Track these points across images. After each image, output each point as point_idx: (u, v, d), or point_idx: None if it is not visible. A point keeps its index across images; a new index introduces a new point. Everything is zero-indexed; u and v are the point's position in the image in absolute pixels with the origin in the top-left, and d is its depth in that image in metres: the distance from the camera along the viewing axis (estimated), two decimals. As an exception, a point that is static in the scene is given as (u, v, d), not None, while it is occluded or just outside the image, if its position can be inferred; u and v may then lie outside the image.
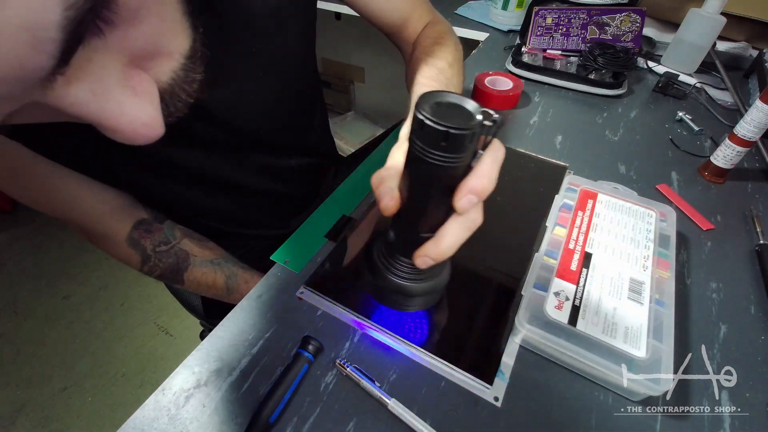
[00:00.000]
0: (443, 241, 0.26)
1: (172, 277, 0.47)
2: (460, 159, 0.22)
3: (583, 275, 0.39)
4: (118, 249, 0.45)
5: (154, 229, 0.46)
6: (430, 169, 0.23)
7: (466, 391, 0.33)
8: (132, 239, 0.44)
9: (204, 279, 0.48)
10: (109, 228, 0.44)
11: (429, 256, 0.27)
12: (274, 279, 0.41)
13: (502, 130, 0.64)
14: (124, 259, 0.46)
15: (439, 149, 0.22)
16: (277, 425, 0.31)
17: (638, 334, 0.34)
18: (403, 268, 0.29)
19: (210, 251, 0.50)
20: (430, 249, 0.27)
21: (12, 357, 1.17)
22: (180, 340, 1.23)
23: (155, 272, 0.46)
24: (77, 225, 0.44)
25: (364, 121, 1.82)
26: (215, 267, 0.49)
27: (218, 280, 0.48)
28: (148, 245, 0.45)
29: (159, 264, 0.46)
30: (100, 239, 0.45)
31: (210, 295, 0.50)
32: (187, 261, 0.47)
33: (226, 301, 0.50)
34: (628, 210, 0.46)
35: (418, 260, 0.27)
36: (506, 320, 0.38)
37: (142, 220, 0.46)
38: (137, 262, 0.45)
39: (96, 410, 1.07)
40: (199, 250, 0.49)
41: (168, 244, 0.46)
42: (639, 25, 0.76)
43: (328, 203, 0.50)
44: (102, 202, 0.43)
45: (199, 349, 0.36)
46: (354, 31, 1.62)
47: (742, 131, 0.52)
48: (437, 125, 0.21)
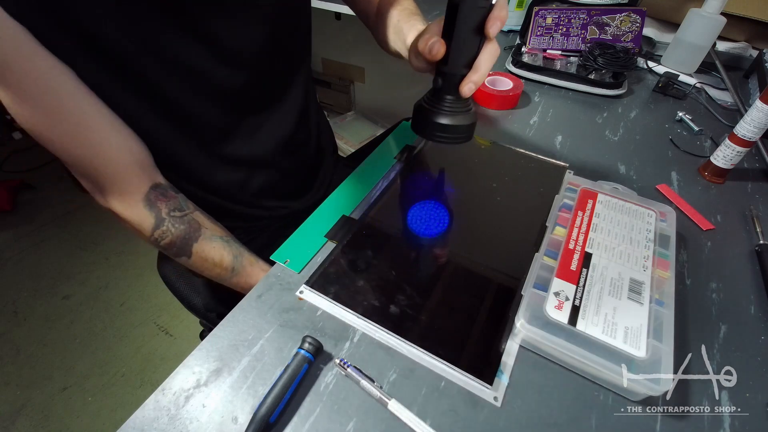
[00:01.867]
0: (480, 67, 0.35)
1: (182, 246, 0.46)
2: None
3: (583, 275, 0.39)
4: (132, 208, 0.44)
5: (170, 195, 0.46)
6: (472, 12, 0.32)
7: (466, 391, 0.33)
8: (148, 200, 0.44)
9: (212, 254, 0.47)
10: (129, 183, 0.43)
11: (473, 82, 0.35)
12: (274, 279, 0.41)
13: (503, 129, 0.64)
14: (136, 220, 0.44)
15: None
16: (277, 425, 0.31)
17: (638, 334, 0.34)
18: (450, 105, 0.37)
19: (220, 229, 0.49)
20: (473, 76, 0.35)
21: (12, 357, 1.17)
22: (180, 340, 1.23)
23: (165, 238, 0.45)
24: (94, 176, 0.42)
25: (364, 121, 1.82)
26: (224, 243, 0.48)
27: (225, 258, 0.47)
28: (163, 208, 0.45)
29: (171, 230, 0.45)
30: (114, 195, 0.43)
31: (213, 275, 0.48)
32: (198, 232, 0.47)
33: (226, 284, 0.49)
34: (628, 210, 0.46)
35: (465, 88, 0.35)
36: (506, 320, 0.38)
37: (159, 184, 0.45)
38: (149, 225, 0.44)
39: (96, 410, 1.07)
40: (210, 224, 0.48)
41: (182, 212, 0.46)
42: (639, 25, 0.76)
43: (328, 203, 0.50)
44: (128, 153, 0.42)
45: (199, 349, 0.36)
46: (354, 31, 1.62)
47: (742, 131, 0.52)
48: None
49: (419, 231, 0.47)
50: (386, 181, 0.53)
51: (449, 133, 0.38)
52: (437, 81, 0.37)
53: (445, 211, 0.50)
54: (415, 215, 0.49)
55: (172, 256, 0.47)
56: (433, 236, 0.47)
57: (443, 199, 0.52)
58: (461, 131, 0.38)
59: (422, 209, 0.50)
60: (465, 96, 0.36)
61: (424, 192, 0.53)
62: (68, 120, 0.38)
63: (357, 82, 1.82)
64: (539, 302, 0.36)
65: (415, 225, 0.48)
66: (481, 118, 0.67)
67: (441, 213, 0.49)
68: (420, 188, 0.54)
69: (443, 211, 0.50)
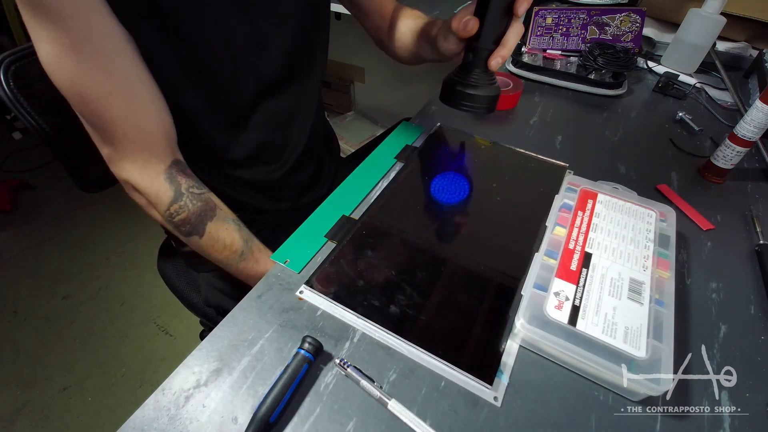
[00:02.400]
0: (507, 43, 0.40)
1: (196, 223, 0.46)
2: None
3: (583, 275, 0.39)
4: (153, 180, 0.44)
5: (188, 173, 0.47)
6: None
7: (466, 391, 0.33)
8: (170, 173, 0.45)
9: (223, 235, 0.47)
10: (154, 154, 0.44)
11: (500, 56, 0.41)
12: (274, 279, 0.41)
13: (503, 129, 0.64)
14: (154, 192, 0.44)
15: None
16: (277, 425, 0.31)
17: (638, 334, 0.34)
18: (477, 78, 0.43)
19: (231, 212, 0.50)
20: (501, 51, 0.41)
21: (12, 357, 1.17)
22: (180, 340, 1.23)
23: (181, 214, 0.45)
24: (122, 142, 0.42)
25: (364, 121, 1.81)
26: (237, 226, 0.49)
27: (237, 241, 0.48)
28: (183, 183, 0.45)
29: (188, 205, 0.45)
30: (138, 163, 0.43)
31: (221, 258, 0.48)
32: (213, 211, 0.47)
33: (231, 269, 0.49)
34: (628, 210, 0.46)
35: (493, 62, 0.41)
36: (506, 320, 0.38)
37: (180, 161, 0.46)
38: (167, 198, 0.44)
39: (96, 410, 1.07)
40: (224, 206, 0.49)
41: (200, 189, 0.47)
42: (639, 25, 0.76)
43: (328, 203, 0.50)
44: (160, 124, 0.43)
45: (199, 349, 0.36)
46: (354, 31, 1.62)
47: (742, 131, 0.52)
48: None
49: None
50: (386, 181, 0.53)
51: (476, 103, 0.43)
52: (468, 56, 0.42)
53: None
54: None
55: (185, 234, 0.47)
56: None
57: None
58: (487, 101, 0.43)
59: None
60: (493, 69, 0.41)
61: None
62: (113, 81, 0.38)
63: (357, 82, 1.82)
64: (539, 302, 0.36)
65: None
66: (482, 117, 0.67)
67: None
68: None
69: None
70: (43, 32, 0.34)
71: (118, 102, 0.39)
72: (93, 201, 1.60)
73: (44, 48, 0.36)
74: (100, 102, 0.39)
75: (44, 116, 0.52)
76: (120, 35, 0.37)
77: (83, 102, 0.39)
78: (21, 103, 0.50)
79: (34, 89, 0.51)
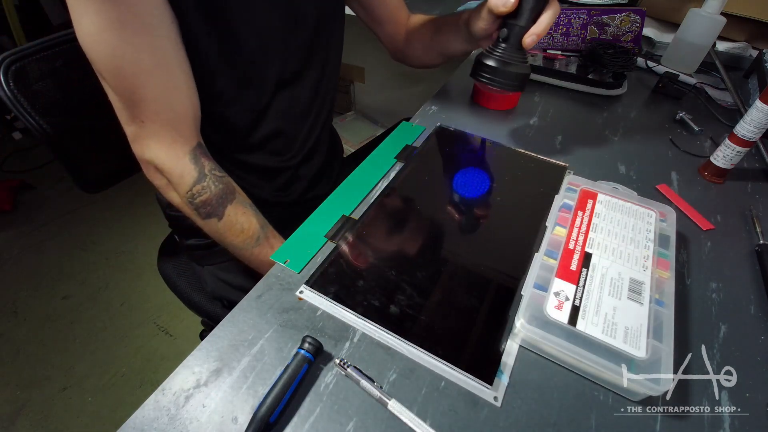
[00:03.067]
0: (543, 22, 0.42)
1: (216, 206, 0.46)
2: None
3: (583, 275, 0.39)
4: (178, 159, 0.45)
5: (209, 157, 0.48)
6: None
7: (466, 391, 0.33)
8: (195, 154, 0.46)
9: (242, 219, 0.48)
10: (181, 134, 0.44)
11: (535, 34, 0.42)
12: (274, 279, 0.41)
13: (503, 129, 0.64)
14: (178, 172, 0.45)
15: None
16: (277, 425, 0.31)
17: (638, 334, 0.34)
18: (511, 54, 0.44)
19: (247, 197, 0.51)
20: (536, 29, 0.42)
21: (12, 357, 1.17)
22: (180, 340, 1.23)
23: (203, 195, 0.46)
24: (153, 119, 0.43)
25: (364, 121, 1.82)
26: (254, 211, 0.50)
27: (254, 225, 0.48)
28: (206, 165, 0.46)
29: (211, 186, 0.46)
30: (165, 142, 0.44)
31: (237, 242, 0.48)
32: (233, 194, 0.48)
33: (245, 255, 0.50)
34: (628, 210, 0.46)
35: (528, 39, 0.43)
36: (506, 320, 0.38)
37: (202, 144, 0.47)
38: (191, 179, 0.45)
39: (96, 410, 1.07)
40: (242, 191, 0.50)
41: (221, 172, 0.48)
42: (639, 25, 0.76)
43: (328, 203, 0.50)
44: (191, 106, 0.44)
45: (199, 349, 0.36)
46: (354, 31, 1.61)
47: (742, 131, 0.52)
48: None
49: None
50: (386, 181, 0.53)
51: (509, 80, 0.44)
52: (503, 32, 0.44)
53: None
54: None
55: (203, 216, 0.47)
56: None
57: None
58: (519, 78, 0.44)
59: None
60: (527, 47, 0.43)
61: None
62: (153, 59, 0.39)
63: (357, 82, 1.82)
64: (539, 302, 0.36)
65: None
66: (482, 117, 0.67)
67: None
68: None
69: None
70: (90, 5, 0.35)
71: (155, 80, 0.40)
72: (93, 201, 1.60)
73: (88, 21, 0.36)
74: (138, 78, 0.40)
75: (44, 116, 0.52)
76: (166, 15, 0.38)
77: (120, 77, 0.39)
78: (21, 103, 0.50)
79: (34, 89, 0.51)
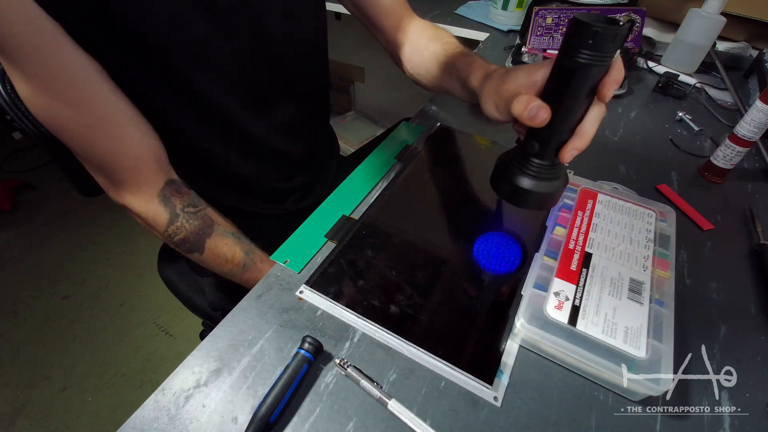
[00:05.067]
0: (585, 134, 0.31)
1: (195, 242, 0.46)
2: (614, 55, 0.28)
3: (583, 275, 0.39)
4: (147, 204, 0.44)
5: (183, 192, 0.46)
6: (588, 71, 0.28)
7: (466, 391, 0.33)
8: (164, 195, 0.44)
9: (224, 250, 0.47)
10: (145, 178, 0.43)
11: (576, 149, 0.32)
12: (274, 279, 0.41)
13: (503, 129, 0.64)
14: (152, 215, 0.45)
15: (605, 50, 0.27)
16: (277, 425, 0.31)
17: (638, 334, 0.34)
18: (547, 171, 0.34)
19: (231, 225, 0.50)
20: (577, 142, 0.32)
21: (12, 357, 1.17)
22: (180, 340, 1.23)
23: (180, 233, 0.45)
24: (112, 169, 0.42)
25: (364, 121, 1.82)
26: (236, 240, 0.49)
27: (237, 254, 0.48)
28: (177, 203, 0.45)
29: (185, 225, 0.45)
30: (130, 190, 0.44)
31: (225, 271, 0.49)
32: (211, 228, 0.47)
33: (236, 280, 0.50)
34: (628, 210, 0.46)
35: (567, 155, 0.32)
36: (506, 320, 0.38)
37: (173, 180, 0.46)
38: (164, 220, 0.45)
39: (96, 410, 1.07)
40: (222, 220, 0.49)
41: (196, 207, 0.47)
42: (639, 25, 0.76)
43: (328, 203, 0.50)
44: (147, 148, 0.43)
45: (199, 349, 0.36)
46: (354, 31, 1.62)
47: (742, 131, 0.52)
48: (608, 30, 0.25)
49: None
50: (386, 181, 0.53)
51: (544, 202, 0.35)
52: (534, 146, 0.33)
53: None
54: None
55: (185, 252, 0.47)
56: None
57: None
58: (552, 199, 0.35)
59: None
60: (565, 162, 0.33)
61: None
62: (91, 113, 0.38)
63: (357, 82, 1.82)
64: (539, 302, 0.36)
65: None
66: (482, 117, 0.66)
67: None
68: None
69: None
70: (14, 73, 0.35)
71: (99, 133, 0.39)
72: (93, 201, 1.59)
73: (21, 88, 0.36)
74: (82, 135, 0.39)
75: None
76: (89, 66, 0.36)
77: (65, 136, 0.39)
78: (19, 107, 0.50)
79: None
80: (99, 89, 0.38)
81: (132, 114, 0.41)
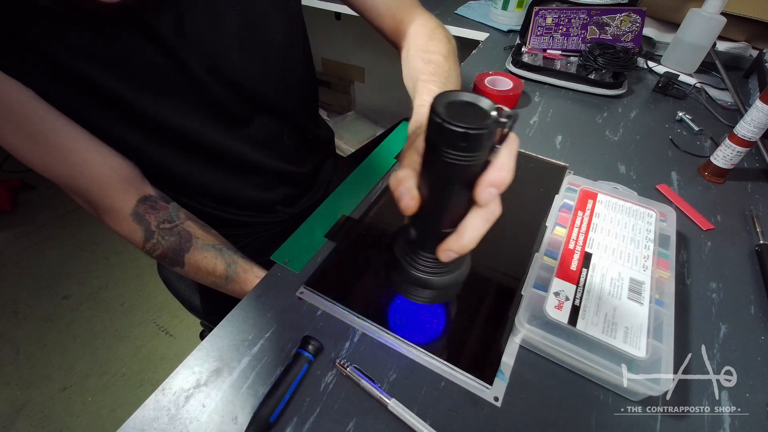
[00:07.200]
0: (465, 234, 0.26)
1: (173, 257, 0.46)
2: (479, 156, 0.23)
3: (583, 275, 0.39)
4: (122, 223, 0.45)
5: (159, 207, 0.46)
6: (451, 169, 0.23)
7: (466, 391, 0.33)
8: (137, 214, 0.44)
9: (204, 263, 0.47)
10: (116, 199, 0.44)
11: (452, 250, 0.27)
12: (274, 279, 0.41)
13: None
14: (127, 234, 0.45)
15: (459, 149, 0.22)
16: (277, 425, 0.31)
17: (638, 334, 0.34)
18: (427, 263, 0.29)
19: (213, 237, 0.50)
20: (453, 243, 0.27)
21: (12, 357, 1.17)
22: (180, 340, 1.23)
23: (157, 250, 0.46)
24: (83, 194, 0.43)
25: (364, 121, 1.82)
26: (216, 252, 0.48)
27: (218, 266, 0.48)
28: (152, 221, 0.45)
29: (162, 242, 0.45)
30: (104, 211, 0.45)
31: (208, 283, 0.49)
32: (189, 242, 0.47)
33: (222, 291, 0.50)
34: (628, 210, 0.46)
35: (443, 255, 0.27)
36: (506, 320, 0.38)
37: (148, 196, 0.46)
38: (140, 238, 0.45)
39: (96, 410, 1.07)
40: (202, 233, 0.49)
41: (172, 223, 0.46)
42: (639, 25, 0.76)
43: (328, 203, 0.50)
44: (111, 170, 0.43)
45: (199, 349, 0.36)
46: (354, 31, 1.62)
47: (742, 131, 0.52)
48: (456, 127, 0.21)
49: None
50: (386, 181, 0.53)
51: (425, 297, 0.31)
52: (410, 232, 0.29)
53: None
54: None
55: (167, 265, 0.48)
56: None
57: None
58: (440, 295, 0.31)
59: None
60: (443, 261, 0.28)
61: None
62: (47, 143, 0.39)
63: (357, 82, 1.82)
64: (539, 302, 0.36)
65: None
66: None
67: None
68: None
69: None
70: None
71: (59, 162, 0.40)
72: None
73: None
74: (44, 164, 0.40)
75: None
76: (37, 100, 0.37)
77: (31, 166, 0.40)
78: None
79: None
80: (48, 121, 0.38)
81: (88, 139, 0.41)
